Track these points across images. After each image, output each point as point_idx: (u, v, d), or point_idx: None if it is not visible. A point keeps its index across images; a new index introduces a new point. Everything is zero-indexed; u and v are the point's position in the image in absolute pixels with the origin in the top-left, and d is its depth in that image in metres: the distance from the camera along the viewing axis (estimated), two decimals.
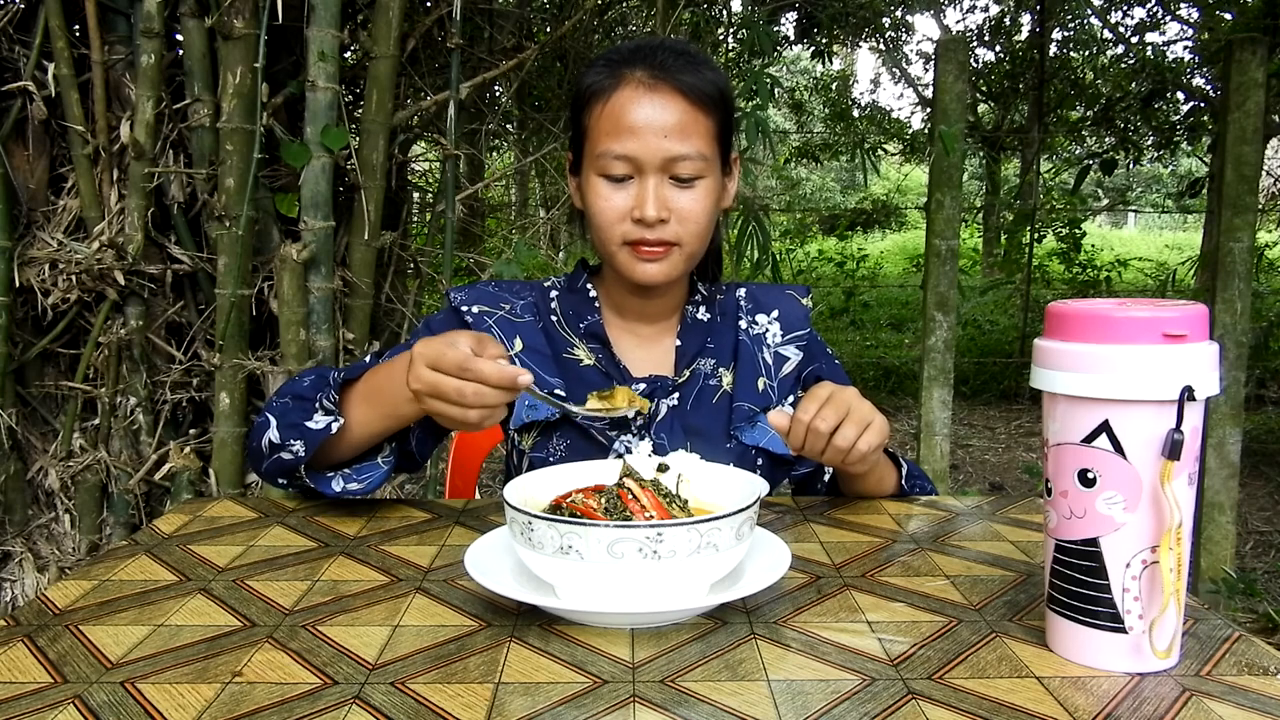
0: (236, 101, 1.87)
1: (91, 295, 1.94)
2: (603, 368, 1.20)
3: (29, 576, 2.01)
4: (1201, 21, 6.92)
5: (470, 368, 0.88)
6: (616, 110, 1.09)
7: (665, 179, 1.10)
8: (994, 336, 7.29)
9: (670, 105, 1.09)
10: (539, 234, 3.41)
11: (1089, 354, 0.66)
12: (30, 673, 0.69)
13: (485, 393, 0.89)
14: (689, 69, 1.11)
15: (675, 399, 1.20)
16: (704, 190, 1.12)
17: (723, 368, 1.24)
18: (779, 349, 1.26)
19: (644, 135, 1.08)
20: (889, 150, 11.13)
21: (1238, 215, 2.76)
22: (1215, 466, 2.81)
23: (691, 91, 1.10)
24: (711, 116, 1.12)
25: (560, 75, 3.31)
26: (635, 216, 1.10)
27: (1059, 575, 0.70)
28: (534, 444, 1.20)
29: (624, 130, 1.09)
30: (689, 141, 1.09)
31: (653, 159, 1.09)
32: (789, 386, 1.25)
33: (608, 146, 1.10)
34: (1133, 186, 16.52)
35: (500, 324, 1.19)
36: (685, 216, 1.11)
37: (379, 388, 1.05)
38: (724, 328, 1.26)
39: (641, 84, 1.09)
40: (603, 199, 1.12)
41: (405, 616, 0.79)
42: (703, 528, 0.74)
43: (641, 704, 0.64)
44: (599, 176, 1.12)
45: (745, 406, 1.21)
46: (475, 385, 0.88)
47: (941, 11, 10.57)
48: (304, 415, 1.06)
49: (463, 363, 0.88)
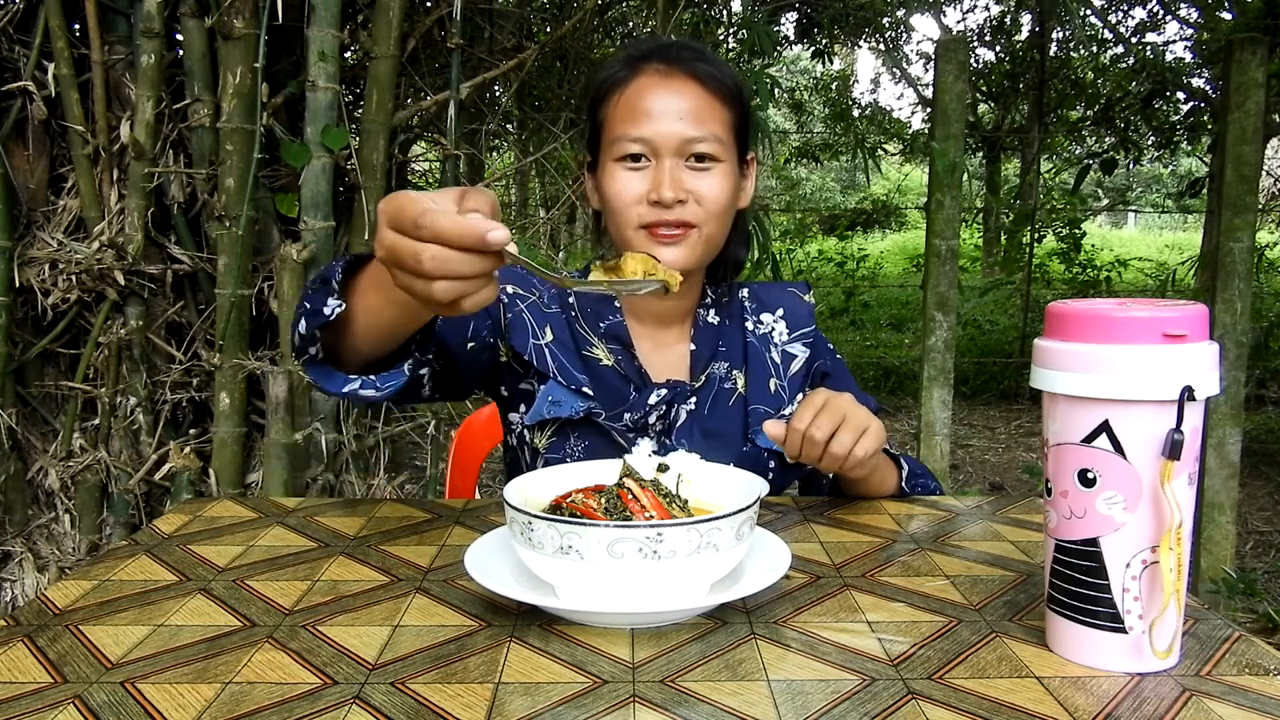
0: (236, 101, 1.87)
1: (91, 295, 1.94)
2: (621, 369, 1.18)
3: (29, 576, 2.01)
4: (1201, 21, 6.92)
5: (425, 223, 0.67)
6: (633, 98, 1.11)
7: (681, 162, 1.11)
8: (994, 336, 7.29)
9: (686, 91, 1.11)
10: (539, 234, 3.41)
11: (1089, 354, 0.66)
12: (30, 673, 0.69)
13: (446, 256, 0.68)
14: (704, 61, 1.13)
15: (693, 403, 1.20)
16: (721, 173, 1.12)
17: (735, 370, 1.24)
18: (786, 347, 1.26)
19: (660, 119, 1.09)
20: (889, 150, 11.13)
21: (1238, 215, 2.76)
22: (1215, 466, 2.81)
23: (708, 80, 1.12)
24: (727, 107, 1.13)
25: (560, 75, 3.31)
26: (652, 199, 1.10)
27: (1059, 575, 0.70)
28: (550, 444, 1.17)
29: (640, 115, 1.10)
30: (705, 125, 1.10)
31: (668, 142, 1.10)
32: (798, 384, 1.25)
33: (624, 131, 1.11)
34: (1133, 186, 16.52)
35: (531, 310, 1.18)
36: (703, 197, 1.11)
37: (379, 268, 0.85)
38: (733, 330, 1.26)
39: (658, 72, 1.12)
40: (619, 183, 1.12)
41: (405, 616, 0.79)
42: (703, 528, 0.74)
43: (641, 704, 0.64)
44: (615, 162, 1.12)
45: (760, 410, 1.21)
46: (435, 247, 0.68)
47: (941, 11, 10.57)
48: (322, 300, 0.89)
49: (418, 217, 0.67)
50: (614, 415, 1.16)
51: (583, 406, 1.15)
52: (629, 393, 1.17)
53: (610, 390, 1.18)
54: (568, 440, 1.16)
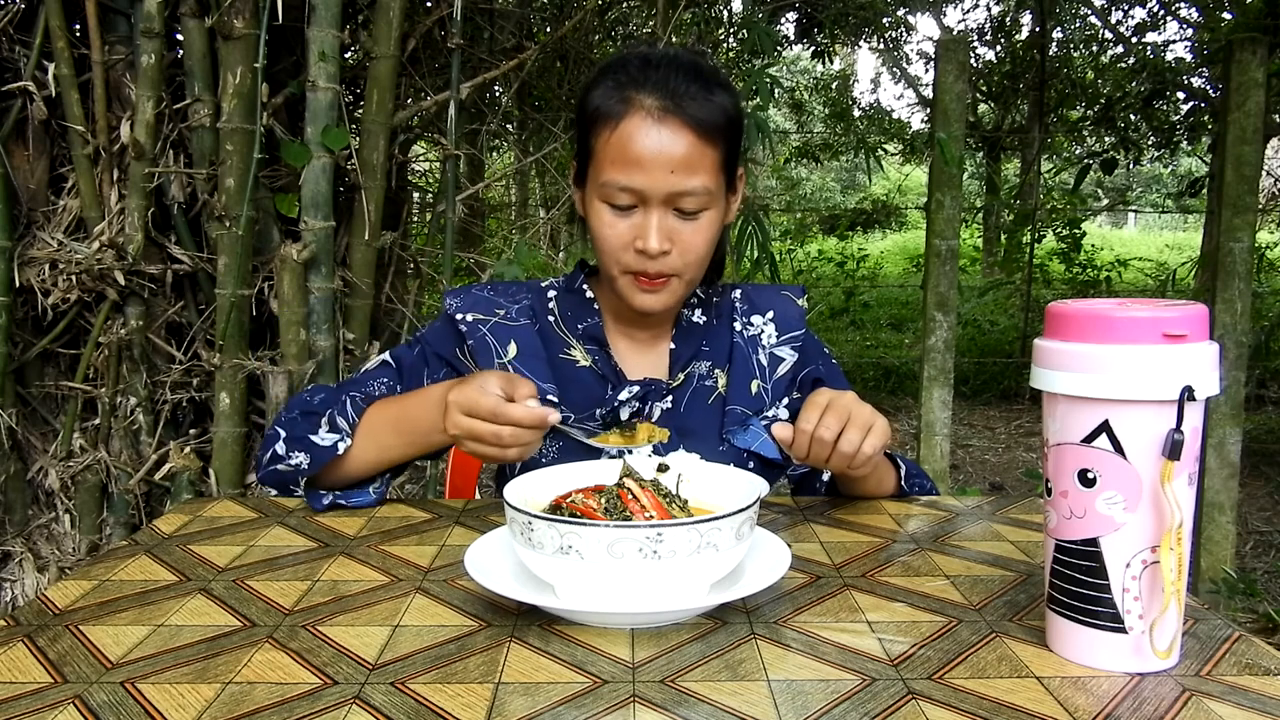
0: (237, 101, 1.87)
1: (91, 295, 1.94)
2: (599, 369, 1.20)
3: (29, 576, 2.01)
4: (1201, 21, 6.92)
5: (502, 413, 0.95)
6: (624, 139, 1.08)
7: (669, 211, 1.10)
8: (994, 336, 7.28)
9: (678, 138, 1.07)
10: (539, 234, 3.41)
11: (1089, 354, 0.66)
12: (30, 673, 0.69)
13: (521, 434, 0.96)
14: (700, 96, 1.09)
15: (669, 402, 1.20)
16: (707, 222, 1.12)
17: (718, 369, 1.24)
18: (774, 350, 1.26)
19: (650, 169, 1.07)
20: (889, 150, 11.12)
21: (1238, 215, 2.76)
22: (1215, 466, 2.81)
23: (700, 125, 1.08)
24: (719, 146, 1.11)
25: (560, 75, 3.31)
26: (638, 247, 1.10)
27: (1059, 575, 0.70)
28: None
29: (630, 162, 1.08)
30: (695, 176, 1.08)
31: (657, 192, 1.08)
32: (783, 389, 1.25)
33: (613, 176, 1.09)
34: (1133, 186, 16.51)
35: (494, 330, 1.20)
36: (687, 248, 1.11)
37: (409, 417, 1.09)
38: (720, 329, 1.26)
39: (650, 114, 1.07)
40: (607, 226, 1.12)
41: (405, 616, 0.79)
42: (703, 528, 0.74)
43: (641, 704, 0.64)
44: (603, 203, 1.12)
45: (738, 410, 1.21)
46: (511, 429, 0.95)
47: (941, 11, 10.56)
48: (310, 429, 1.10)
49: (495, 409, 0.95)
50: (586, 415, 1.18)
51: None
52: (606, 392, 1.19)
53: (586, 390, 1.20)
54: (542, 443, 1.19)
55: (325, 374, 2.01)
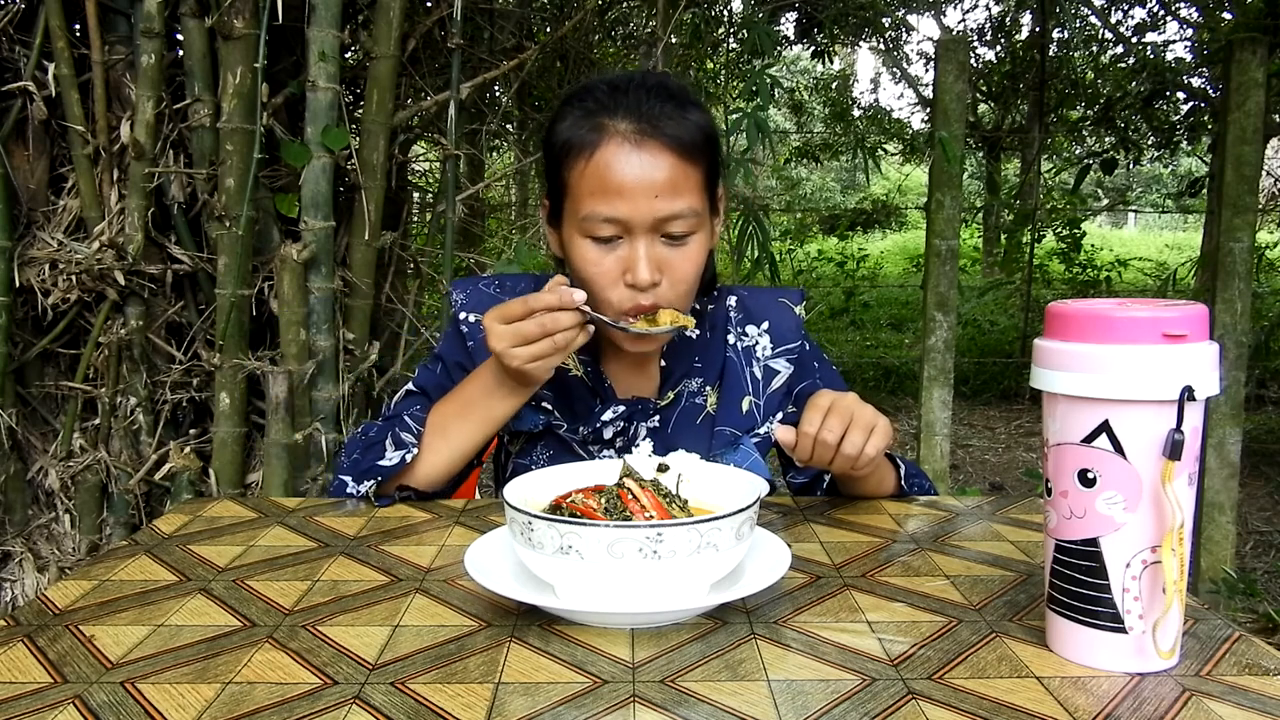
0: (237, 101, 1.87)
1: (91, 295, 1.94)
2: (589, 381, 1.20)
3: (29, 576, 2.01)
4: (1201, 21, 6.92)
5: (532, 303, 1.00)
6: (601, 169, 1.03)
7: (656, 238, 1.06)
8: (994, 336, 7.28)
9: (659, 161, 1.03)
10: (539, 234, 3.41)
11: (1089, 354, 0.66)
12: (30, 673, 0.69)
13: (559, 317, 0.99)
14: (676, 115, 1.04)
15: (656, 421, 1.20)
16: (697, 246, 1.08)
17: (709, 385, 1.23)
18: (769, 362, 1.24)
19: (633, 196, 1.02)
20: (889, 150, 11.12)
21: (1238, 215, 2.76)
22: (1215, 466, 2.81)
23: (680, 145, 1.04)
24: (700, 165, 1.07)
25: (560, 75, 3.31)
26: (628, 281, 1.06)
27: (1059, 575, 0.70)
28: (520, 449, 1.23)
29: (611, 191, 1.03)
30: (681, 198, 1.04)
31: (643, 220, 1.03)
32: (777, 402, 1.24)
33: (594, 208, 1.04)
34: (1133, 186, 16.51)
35: None
36: (677, 278, 1.08)
37: (468, 397, 1.12)
38: (713, 342, 1.24)
39: (626, 139, 1.03)
40: (592, 265, 1.07)
41: (405, 616, 0.79)
42: (703, 528, 0.74)
43: (641, 704, 0.64)
44: (585, 239, 1.07)
45: (727, 431, 1.20)
46: (549, 314, 0.99)
47: (941, 11, 10.56)
48: (378, 456, 1.12)
49: (525, 301, 1.00)
50: (573, 428, 1.19)
51: (542, 420, 1.19)
52: (594, 405, 1.19)
53: (576, 401, 1.20)
54: (535, 448, 1.21)
55: (325, 374, 2.01)
